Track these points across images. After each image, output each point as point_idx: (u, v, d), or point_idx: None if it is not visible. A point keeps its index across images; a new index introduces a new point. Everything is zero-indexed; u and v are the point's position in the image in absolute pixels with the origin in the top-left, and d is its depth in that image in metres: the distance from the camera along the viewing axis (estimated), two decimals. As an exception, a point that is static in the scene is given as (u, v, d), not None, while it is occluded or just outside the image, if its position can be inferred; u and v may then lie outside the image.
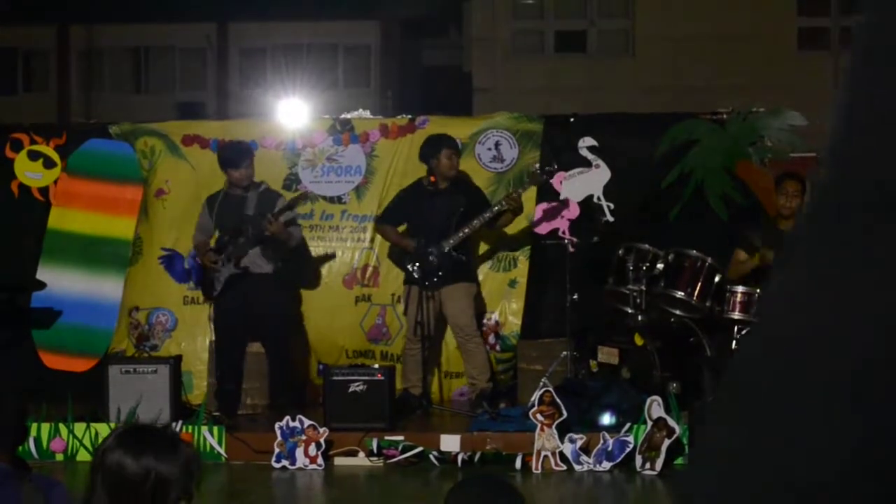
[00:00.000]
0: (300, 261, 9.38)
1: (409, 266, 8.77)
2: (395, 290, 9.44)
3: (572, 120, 9.84)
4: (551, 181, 9.24)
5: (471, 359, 8.91)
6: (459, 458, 7.74)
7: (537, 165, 9.23)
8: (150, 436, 2.94)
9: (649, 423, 7.58)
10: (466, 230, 8.71)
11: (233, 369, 8.70)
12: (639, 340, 8.51)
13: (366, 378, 8.19)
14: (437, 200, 8.72)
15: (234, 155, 8.78)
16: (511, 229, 9.34)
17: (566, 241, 9.19)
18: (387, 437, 7.93)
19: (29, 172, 9.87)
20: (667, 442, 7.51)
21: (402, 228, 9.01)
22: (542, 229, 9.50)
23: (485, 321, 9.53)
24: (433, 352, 9.12)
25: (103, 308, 9.69)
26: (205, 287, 8.87)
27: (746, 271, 8.57)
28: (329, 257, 9.72)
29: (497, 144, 9.66)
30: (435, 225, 8.69)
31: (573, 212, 9.42)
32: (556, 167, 9.09)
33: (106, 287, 9.74)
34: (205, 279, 8.84)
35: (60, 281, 9.69)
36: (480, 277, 9.55)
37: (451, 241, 8.67)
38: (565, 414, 7.63)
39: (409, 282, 8.84)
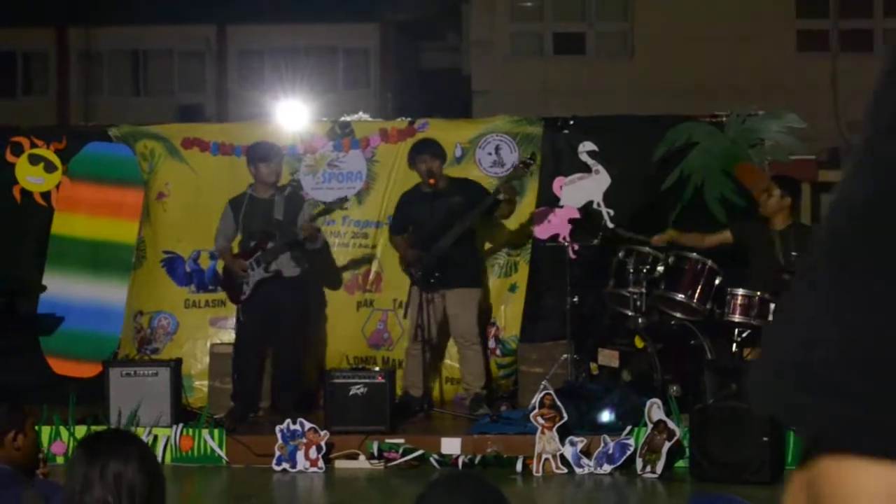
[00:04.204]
0: (325, 262, 9.38)
1: (409, 269, 8.81)
2: (397, 296, 9.44)
3: (572, 122, 9.85)
4: (546, 183, 9.30)
5: (468, 365, 8.92)
6: (460, 460, 7.75)
7: (518, 160, 9.24)
8: (123, 441, 2.96)
9: (650, 426, 7.59)
10: (458, 229, 8.68)
11: (252, 374, 8.71)
12: (639, 343, 8.51)
13: (366, 381, 8.19)
14: (435, 202, 8.72)
15: (265, 150, 8.86)
16: (511, 234, 9.35)
17: (566, 244, 9.21)
18: (387, 440, 7.94)
19: (30, 177, 9.87)
20: (667, 444, 7.52)
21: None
22: (542, 233, 9.51)
23: (487, 326, 9.54)
24: (435, 355, 9.12)
25: (109, 313, 9.70)
26: (231, 291, 8.87)
27: (712, 245, 8.66)
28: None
29: (497, 149, 9.66)
30: (434, 227, 8.69)
31: (573, 216, 9.43)
32: (533, 159, 9.06)
33: (111, 292, 9.74)
34: (232, 283, 8.85)
35: (66, 287, 9.70)
36: (481, 282, 9.57)
37: (443, 242, 8.67)
38: (566, 417, 7.64)
39: (414, 283, 8.85)
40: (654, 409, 7.64)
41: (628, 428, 7.68)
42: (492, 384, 9.30)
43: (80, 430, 8.16)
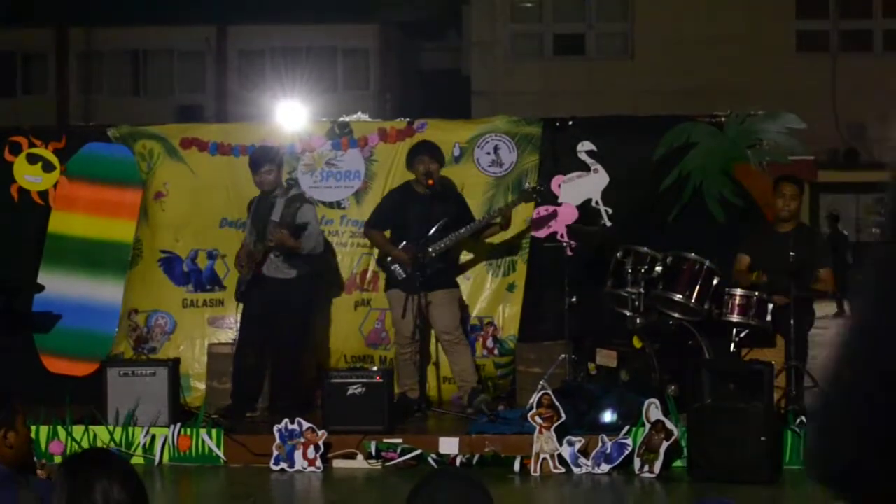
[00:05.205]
0: (323, 266, 9.30)
1: (392, 267, 8.81)
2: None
3: (571, 123, 9.84)
4: (550, 187, 9.36)
5: (457, 361, 8.94)
6: (458, 460, 7.75)
7: (528, 183, 9.30)
8: (107, 460, 2.95)
9: (647, 426, 7.58)
10: (453, 238, 8.72)
11: (249, 374, 8.70)
12: (637, 343, 8.50)
13: (364, 381, 8.19)
14: (427, 204, 8.73)
15: (254, 159, 8.83)
16: (509, 233, 9.35)
17: (564, 244, 9.20)
18: (385, 440, 7.93)
19: (28, 176, 9.86)
20: (665, 444, 7.51)
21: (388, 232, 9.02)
22: (540, 232, 9.50)
23: (483, 325, 9.55)
24: (424, 357, 9.12)
25: (104, 312, 9.69)
26: (237, 289, 8.91)
27: (746, 284, 8.54)
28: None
29: (496, 149, 9.66)
30: (421, 228, 8.71)
31: (571, 215, 9.42)
32: (543, 187, 9.13)
33: (107, 291, 9.73)
34: (238, 281, 8.89)
35: (62, 285, 9.69)
36: (479, 281, 9.58)
37: (438, 247, 8.68)
38: (564, 416, 7.63)
39: (394, 286, 8.85)
40: (652, 409, 7.63)
41: (626, 428, 7.67)
42: (488, 383, 9.31)
43: (78, 430, 8.16)
